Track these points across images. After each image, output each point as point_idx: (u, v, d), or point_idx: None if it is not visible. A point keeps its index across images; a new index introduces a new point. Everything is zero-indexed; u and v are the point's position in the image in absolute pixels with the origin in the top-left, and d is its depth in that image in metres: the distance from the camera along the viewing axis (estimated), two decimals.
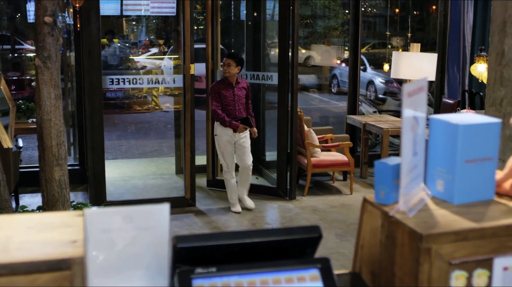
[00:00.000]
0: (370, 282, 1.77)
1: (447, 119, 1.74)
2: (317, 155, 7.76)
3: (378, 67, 15.66)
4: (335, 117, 13.16)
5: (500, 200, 1.78)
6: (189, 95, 7.05)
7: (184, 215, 6.87)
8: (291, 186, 7.50)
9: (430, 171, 1.79)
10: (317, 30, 21.58)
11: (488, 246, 1.58)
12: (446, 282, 1.56)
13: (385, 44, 17.11)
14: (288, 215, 6.97)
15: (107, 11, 8.03)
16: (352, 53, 8.96)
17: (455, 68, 9.88)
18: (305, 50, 19.88)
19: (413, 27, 13.62)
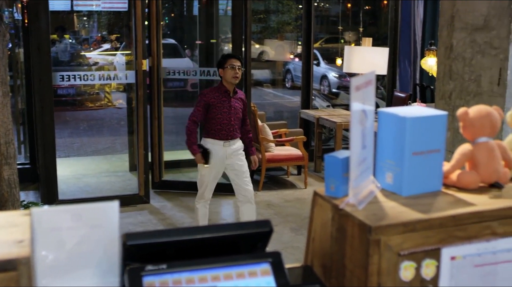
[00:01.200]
0: (322, 275, 1.78)
1: (395, 112, 1.76)
2: (271, 150, 7.79)
3: (331, 61, 15.79)
4: (289, 112, 13.21)
5: (447, 191, 1.82)
6: (141, 92, 6.99)
7: (138, 213, 6.81)
8: None
9: (379, 164, 1.81)
10: (271, 25, 21.65)
11: (436, 236, 1.61)
12: (395, 273, 1.58)
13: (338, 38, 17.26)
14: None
15: (57, 6, 7.90)
16: (305, 48, 9.01)
17: (406, 62, 10.02)
18: (258, 45, 19.92)
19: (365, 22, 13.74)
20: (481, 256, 1.70)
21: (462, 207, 1.68)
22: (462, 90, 4.45)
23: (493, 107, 1.87)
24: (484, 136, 1.83)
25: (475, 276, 1.70)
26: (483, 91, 4.30)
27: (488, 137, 1.83)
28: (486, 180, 1.83)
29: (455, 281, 1.67)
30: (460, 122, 1.86)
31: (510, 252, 1.73)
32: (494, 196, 1.78)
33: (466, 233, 1.65)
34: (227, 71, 5.68)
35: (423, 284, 1.63)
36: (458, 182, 1.82)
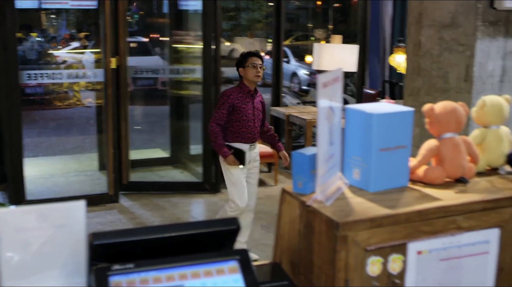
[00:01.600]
0: (290, 272, 1.78)
1: (362, 109, 1.77)
2: None
3: (302, 59, 15.83)
4: None
5: (414, 186, 1.83)
6: (110, 90, 6.92)
7: (108, 212, 6.75)
8: (216, 179, 7.49)
9: (347, 160, 1.82)
10: (241, 23, 21.63)
11: (402, 231, 1.63)
12: (363, 268, 1.59)
13: (309, 36, 17.30)
14: (213, 208, 6.95)
15: (24, 4, 7.78)
16: (275, 46, 9.01)
17: (375, 59, 10.09)
18: (229, 43, 19.88)
19: (335, 20, 13.85)
20: (447, 250, 1.72)
21: (428, 202, 1.70)
22: (430, 87, 4.50)
23: (459, 103, 1.89)
24: (450, 132, 1.85)
25: (441, 270, 1.72)
26: (451, 87, 4.34)
27: (453, 133, 1.85)
28: (451, 175, 1.85)
29: (422, 275, 1.69)
30: (426, 118, 1.87)
31: (475, 246, 1.76)
32: (459, 191, 1.80)
33: (432, 227, 1.67)
34: (249, 70, 5.22)
35: (390, 279, 1.65)
36: (424, 177, 1.84)
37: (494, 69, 4.20)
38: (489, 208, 1.74)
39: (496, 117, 1.98)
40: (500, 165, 2.01)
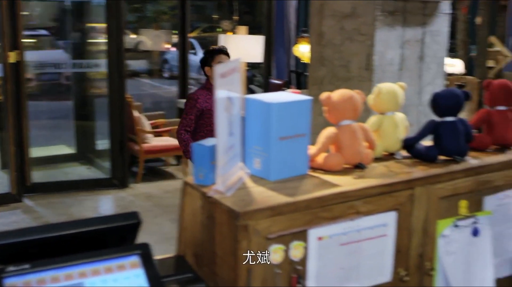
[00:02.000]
0: (194, 264, 1.78)
1: (260, 98, 1.78)
2: (149, 141, 7.68)
3: None
4: (168, 102, 13.08)
5: (314, 174, 1.86)
6: (9, 85, 6.67)
7: (11, 212, 6.52)
8: (124, 174, 7.38)
9: (248, 150, 1.83)
10: (147, 15, 21.33)
11: (303, 218, 1.65)
12: (265, 256, 1.61)
13: (216, 27, 17.26)
14: (122, 203, 6.85)
15: None
16: (181, 37, 8.95)
17: (281, 49, 10.20)
18: (135, 35, 19.56)
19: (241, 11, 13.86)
20: (347, 234, 1.76)
21: (327, 188, 1.73)
22: (333, 76, 4.58)
23: (355, 91, 1.94)
24: (347, 120, 1.89)
25: (341, 254, 1.76)
26: (353, 76, 4.44)
27: (351, 120, 1.89)
28: (350, 161, 1.89)
29: (323, 261, 1.72)
30: (324, 106, 1.90)
31: (373, 229, 1.81)
32: (357, 177, 1.84)
33: (332, 213, 1.70)
34: None
35: (292, 265, 1.67)
36: (324, 165, 1.87)
37: (393, 57, 4.33)
38: (386, 192, 1.80)
39: (392, 104, 2.04)
40: (396, 150, 2.07)
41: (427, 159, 2.01)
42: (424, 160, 2.02)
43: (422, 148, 2.03)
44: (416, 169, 1.95)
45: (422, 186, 1.87)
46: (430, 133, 2.03)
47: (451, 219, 1.99)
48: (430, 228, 1.94)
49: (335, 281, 1.77)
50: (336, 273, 1.77)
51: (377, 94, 2.03)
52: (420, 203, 1.88)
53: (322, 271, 1.73)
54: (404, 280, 1.90)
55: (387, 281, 1.88)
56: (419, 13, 4.43)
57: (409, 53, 4.44)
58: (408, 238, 1.89)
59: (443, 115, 2.02)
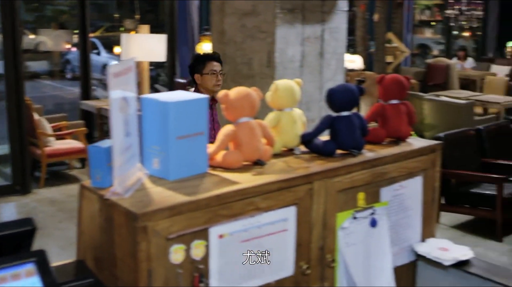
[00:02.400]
0: (95, 268, 1.74)
1: (157, 98, 1.76)
2: (51, 144, 7.47)
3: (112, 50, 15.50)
4: (70, 104, 12.74)
5: (213, 172, 1.86)
6: None
7: None
8: (26, 179, 7.14)
9: (146, 150, 1.81)
10: (47, 14, 20.71)
11: (203, 217, 1.65)
12: (165, 257, 1.59)
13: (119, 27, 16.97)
14: (24, 210, 6.63)
15: None
16: (82, 37, 8.74)
17: (185, 48, 10.15)
18: (34, 36, 18.96)
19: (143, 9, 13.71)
20: (248, 231, 1.77)
21: (227, 186, 1.73)
22: (236, 74, 4.61)
23: (252, 88, 1.95)
24: (245, 117, 1.90)
25: (243, 251, 1.77)
26: (255, 73, 4.48)
27: (248, 117, 1.91)
28: (249, 158, 1.91)
29: (224, 258, 1.73)
30: (222, 104, 1.91)
31: (274, 225, 1.83)
32: (257, 173, 1.86)
33: (232, 210, 1.70)
34: (207, 78, 4.43)
35: (194, 265, 1.66)
36: (223, 162, 1.88)
37: (294, 54, 4.39)
38: (285, 187, 1.82)
39: (289, 100, 2.06)
40: (295, 145, 2.10)
41: (325, 154, 2.05)
42: (322, 155, 2.06)
43: (320, 142, 2.07)
44: (314, 163, 1.99)
45: (320, 180, 1.91)
46: (327, 128, 2.07)
47: (350, 211, 2.04)
48: (330, 221, 1.98)
49: (238, 278, 1.77)
50: (238, 270, 1.77)
51: (274, 91, 2.06)
52: (319, 197, 1.92)
53: (224, 268, 1.74)
54: (306, 273, 1.94)
55: (290, 275, 1.91)
56: (318, 10, 4.52)
57: (309, 50, 4.53)
58: (308, 232, 1.92)
59: (338, 110, 2.07)
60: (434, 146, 2.31)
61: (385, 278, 2.18)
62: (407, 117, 2.31)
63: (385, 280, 2.18)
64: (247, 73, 4.55)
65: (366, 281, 2.13)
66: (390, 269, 2.20)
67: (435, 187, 2.35)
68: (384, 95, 2.29)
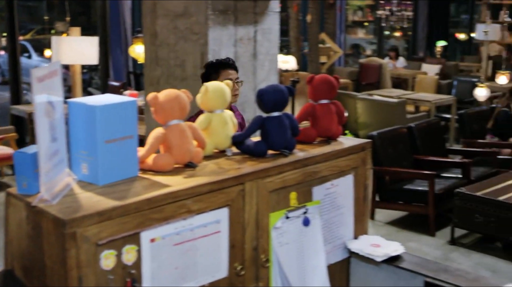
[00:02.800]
0: (24, 277, 1.70)
1: (84, 101, 1.73)
2: None
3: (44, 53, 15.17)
4: (0, 109, 12.44)
5: (144, 176, 1.84)
6: None
7: None
8: None
9: (74, 155, 1.78)
10: None
11: (133, 221, 1.63)
12: (96, 263, 1.57)
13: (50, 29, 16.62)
14: None
15: None
16: (10, 40, 8.52)
17: (118, 50, 10.03)
18: None
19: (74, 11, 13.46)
20: (180, 234, 1.76)
21: (157, 189, 1.72)
22: (169, 76, 4.58)
23: (181, 90, 1.94)
24: (175, 119, 1.89)
25: (176, 254, 1.76)
26: (188, 75, 4.47)
27: (178, 120, 1.89)
28: (180, 161, 1.90)
29: (157, 262, 1.71)
30: (151, 107, 1.89)
31: (206, 227, 1.82)
32: (188, 176, 1.85)
33: (163, 214, 1.69)
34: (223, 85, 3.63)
35: (126, 270, 1.64)
36: (154, 166, 1.86)
37: (227, 55, 4.39)
38: (217, 189, 1.82)
39: (219, 102, 2.06)
40: (226, 147, 2.10)
41: (256, 154, 2.06)
42: (253, 155, 2.07)
43: (251, 143, 2.07)
44: (246, 164, 1.99)
45: (252, 180, 1.92)
46: (257, 129, 2.08)
47: (283, 211, 2.06)
48: (263, 221, 1.99)
49: (172, 282, 1.76)
50: (171, 274, 1.76)
51: (204, 93, 2.05)
52: (251, 198, 1.92)
53: (157, 272, 1.72)
54: (240, 274, 1.94)
55: (224, 276, 1.91)
56: (250, 11, 4.54)
57: (242, 51, 4.54)
58: (241, 233, 1.93)
59: (269, 111, 2.08)
60: (364, 144, 2.35)
61: (319, 276, 2.21)
62: (337, 116, 2.34)
63: (319, 278, 2.21)
64: (180, 75, 4.53)
65: (300, 280, 2.15)
66: (324, 267, 2.22)
67: (366, 185, 2.39)
68: (314, 95, 2.31)
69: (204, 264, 1.84)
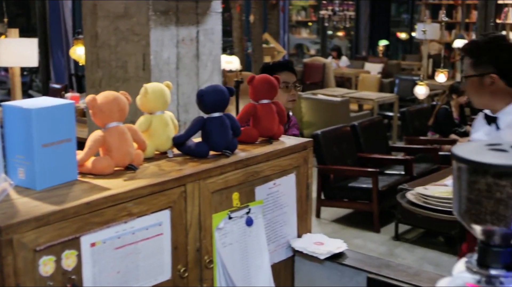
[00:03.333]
0: None
1: (19, 105, 1.70)
2: None
3: None
4: None
5: (83, 179, 1.81)
6: None
7: None
8: None
9: (10, 160, 1.74)
10: None
11: (73, 226, 1.60)
12: (34, 270, 1.54)
13: None
14: None
15: None
16: None
17: (59, 52, 9.86)
18: None
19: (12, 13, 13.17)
20: (121, 237, 1.74)
21: (97, 193, 1.69)
22: (111, 77, 4.52)
23: (121, 92, 1.92)
24: (114, 121, 1.86)
25: (117, 258, 1.73)
26: (130, 77, 4.41)
27: (117, 122, 1.87)
28: (120, 163, 1.87)
29: (98, 267, 1.69)
30: (90, 109, 1.86)
31: (148, 230, 1.81)
32: (128, 178, 1.83)
33: (103, 217, 1.67)
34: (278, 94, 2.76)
35: (66, 276, 1.61)
36: (93, 169, 1.83)
37: (169, 57, 4.37)
38: (158, 191, 1.80)
39: (159, 103, 2.05)
40: (167, 148, 2.09)
41: (198, 155, 2.05)
42: (195, 156, 2.06)
43: (192, 144, 2.06)
44: (187, 165, 1.98)
45: (193, 182, 1.91)
46: (198, 130, 2.07)
47: (225, 211, 2.06)
48: (206, 222, 1.98)
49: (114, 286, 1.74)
50: (113, 278, 1.74)
51: (143, 94, 2.03)
52: (193, 199, 1.92)
53: (98, 277, 1.70)
54: (184, 276, 1.93)
55: (167, 279, 1.90)
56: (192, 12, 4.52)
57: (184, 52, 4.52)
58: (184, 235, 1.92)
59: (209, 112, 2.08)
60: (306, 143, 2.37)
61: (263, 276, 2.21)
62: (278, 116, 2.35)
63: (264, 278, 2.22)
64: (122, 77, 4.47)
65: (244, 280, 2.15)
66: (268, 267, 2.23)
67: (309, 183, 2.41)
68: (255, 95, 2.32)
69: (147, 267, 1.83)
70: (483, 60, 2.50)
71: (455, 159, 1.28)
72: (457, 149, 1.29)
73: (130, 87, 4.17)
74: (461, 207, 1.31)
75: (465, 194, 1.28)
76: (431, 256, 5.48)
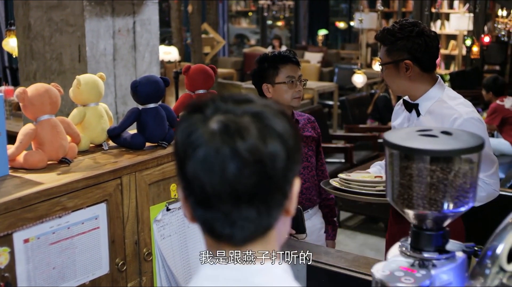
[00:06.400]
0: None
1: None
2: None
3: None
4: None
5: (15, 174, 1.77)
6: None
7: None
8: None
9: None
10: None
11: (4, 222, 1.56)
12: None
13: None
14: None
15: None
16: None
17: None
18: None
19: None
20: (56, 233, 1.70)
21: (29, 187, 1.65)
22: (46, 70, 4.42)
23: (52, 84, 1.87)
24: (46, 114, 1.82)
25: (52, 254, 1.70)
26: (66, 69, 4.32)
27: (49, 115, 1.83)
28: (53, 157, 1.83)
29: (33, 263, 1.65)
30: (20, 102, 1.81)
31: (84, 224, 1.78)
32: (62, 172, 1.79)
33: (36, 213, 1.63)
34: (282, 90, 2.86)
35: None
36: (25, 163, 1.79)
37: (106, 48, 4.30)
38: (93, 184, 1.77)
39: (93, 95, 2.01)
40: (103, 140, 2.05)
41: (134, 147, 2.03)
42: (131, 148, 2.03)
43: (128, 136, 2.04)
44: (123, 158, 1.96)
45: (129, 174, 1.88)
46: (134, 121, 2.04)
47: (163, 203, 2.04)
48: (143, 215, 1.96)
49: (50, 282, 1.71)
50: (49, 274, 1.70)
51: (76, 86, 1.99)
52: (130, 191, 1.89)
53: (33, 274, 1.66)
54: (122, 269, 1.91)
55: (106, 273, 1.87)
56: (128, 2, 4.45)
57: (121, 42, 4.45)
58: (121, 227, 1.89)
59: (144, 103, 2.05)
60: None
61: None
62: None
63: None
64: (57, 69, 4.38)
65: (185, 272, 2.14)
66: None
67: None
68: (191, 85, 2.30)
69: (84, 262, 1.80)
70: (397, 47, 2.53)
71: (387, 145, 1.30)
72: (389, 135, 1.31)
73: (66, 79, 4.09)
74: (394, 192, 1.33)
75: (397, 179, 1.31)
76: (372, 242, 5.57)
